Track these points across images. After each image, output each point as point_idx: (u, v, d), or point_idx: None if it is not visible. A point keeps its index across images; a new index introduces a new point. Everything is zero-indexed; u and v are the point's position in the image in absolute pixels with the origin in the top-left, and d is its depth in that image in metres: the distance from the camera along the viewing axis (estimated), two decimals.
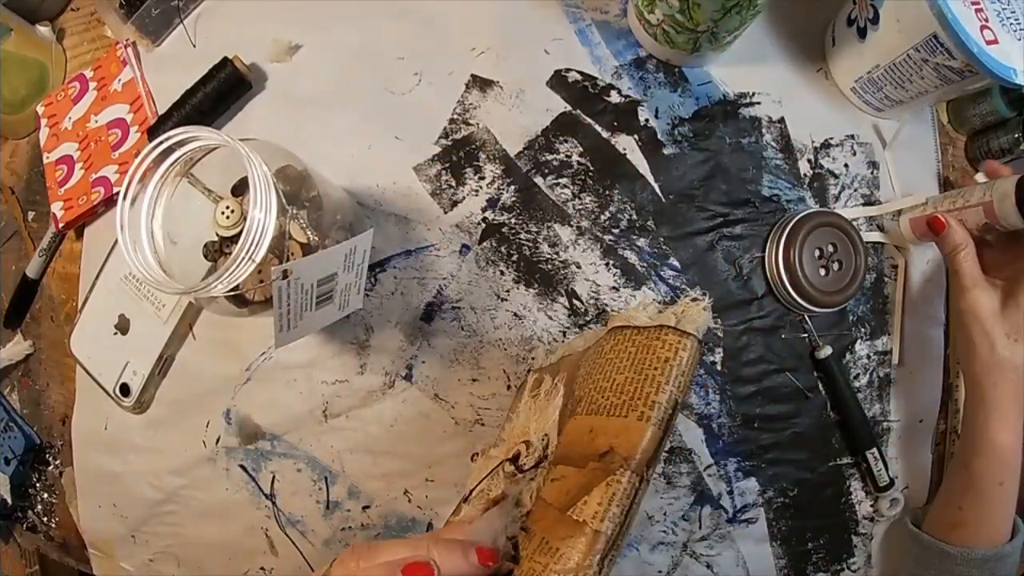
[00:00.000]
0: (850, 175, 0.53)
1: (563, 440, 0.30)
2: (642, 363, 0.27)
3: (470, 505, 0.37)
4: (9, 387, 0.66)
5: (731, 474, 0.51)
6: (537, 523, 0.28)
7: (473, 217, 0.51)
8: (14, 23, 0.60)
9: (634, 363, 0.28)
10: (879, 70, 0.48)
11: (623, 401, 0.27)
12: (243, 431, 0.53)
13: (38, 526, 0.65)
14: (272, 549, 0.55)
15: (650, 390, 0.26)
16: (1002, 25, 0.42)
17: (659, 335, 0.28)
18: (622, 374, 0.28)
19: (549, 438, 0.32)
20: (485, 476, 0.36)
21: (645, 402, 0.26)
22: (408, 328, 0.51)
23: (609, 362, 0.30)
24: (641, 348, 0.28)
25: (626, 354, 0.29)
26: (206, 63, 0.53)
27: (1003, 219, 0.44)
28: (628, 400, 0.27)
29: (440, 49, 0.53)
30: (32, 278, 0.63)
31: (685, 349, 0.27)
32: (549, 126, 0.51)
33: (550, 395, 0.35)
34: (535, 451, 0.32)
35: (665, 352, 0.27)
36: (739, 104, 0.52)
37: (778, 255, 0.50)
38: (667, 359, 0.27)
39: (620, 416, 0.27)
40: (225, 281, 0.34)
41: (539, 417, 0.35)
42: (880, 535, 0.54)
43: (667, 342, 0.27)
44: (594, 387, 0.29)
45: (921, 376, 0.54)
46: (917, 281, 0.54)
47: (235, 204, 0.38)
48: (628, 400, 0.27)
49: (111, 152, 0.57)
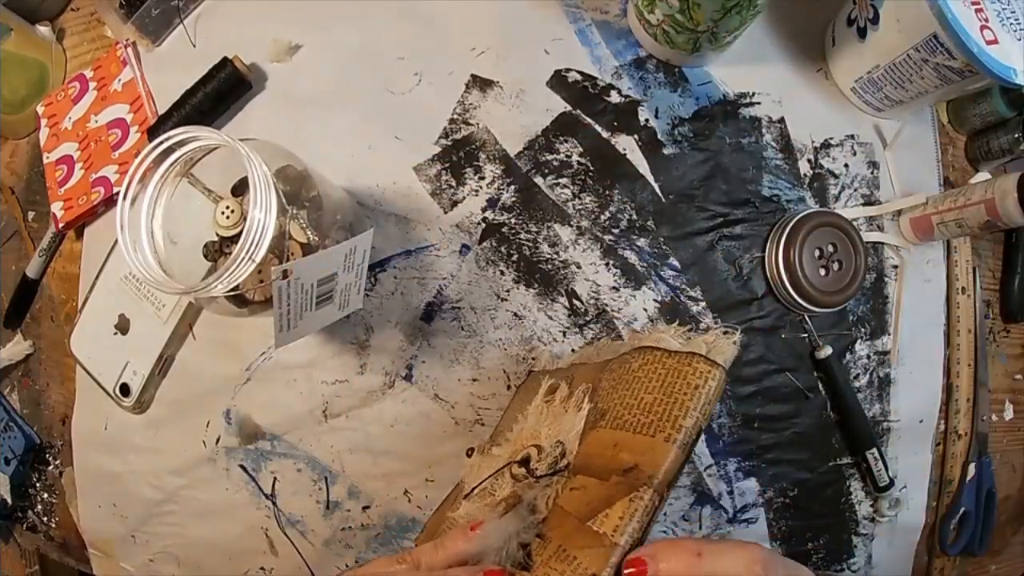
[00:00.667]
0: (850, 175, 0.53)
1: (583, 450, 0.31)
2: (672, 387, 0.28)
3: (471, 502, 0.37)
4: (9, 387, 0.66)
5: (731, 474, 0.51)
6: (554, 530, 0.28)
7: (473, 217, 0.51)
8: (14, 23, 0.60)
9: (664, 385, 0.29)
10: (879, 70, 0.48)
11: (651, 421, 0.28)
12: (243, 431, 0.53)
13: (38, 526, 0.65)
14: (272, 549, 0.55)
15: (678, 414, 0.27)
16: (1002, 25, 0.42)
17: (690, 362, 0.28)
18: (651, 394, 0.29)
19: (564, 446, 0.32)
20: (489, 475, 0.36)
21: (673, 425, 0.27)
22: (408, 328, 0.51)
23: (637, 380, 0.30)
24: (671, 372, 0.29)
25: (656, 375, 0.29)
26: (206, 63, 0.53)
27: (1005, 216, 0.44)
28: (656, 420, 0.27)
29: (440, 49, 0.53)
30: (32, 278, 0.63)
31: (714, 379, 0.27)
32: (549, 126, 0.51)
33: (566, 402, 0.35)
34: (547, 456, 0.32)
35: (695, 379, 0.28)
36: (739, 104, 0.52)
37: (778, 255, 0.50)
38: (697, 386, 0.27)
39: (647, 435, 0.27)
40: (225, 281, 0.34)
41: (553, 423, 0.35)
42: (880, 535, 0.54)
43: (698, 370, 0.28)
44: (620, 402, 0.30)
45: (921, 376, 0.54)
46: (917, 281, 0.54)
47: (235, 204, 0.38)
48: (656, 420, 0.27)
49: (111, 152, 0.57)
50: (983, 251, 0.57)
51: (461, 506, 0.38)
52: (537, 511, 0.30)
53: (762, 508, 0.51)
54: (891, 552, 0.54)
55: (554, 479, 0.31)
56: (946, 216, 0.50)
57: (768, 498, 0.51)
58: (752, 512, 0.51)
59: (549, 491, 0.31)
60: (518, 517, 0.30)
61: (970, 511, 0.55)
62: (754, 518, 0.51)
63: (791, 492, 0.52)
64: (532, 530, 0.29)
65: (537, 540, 0.29)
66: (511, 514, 0.30)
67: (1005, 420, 0.58)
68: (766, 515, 0.51)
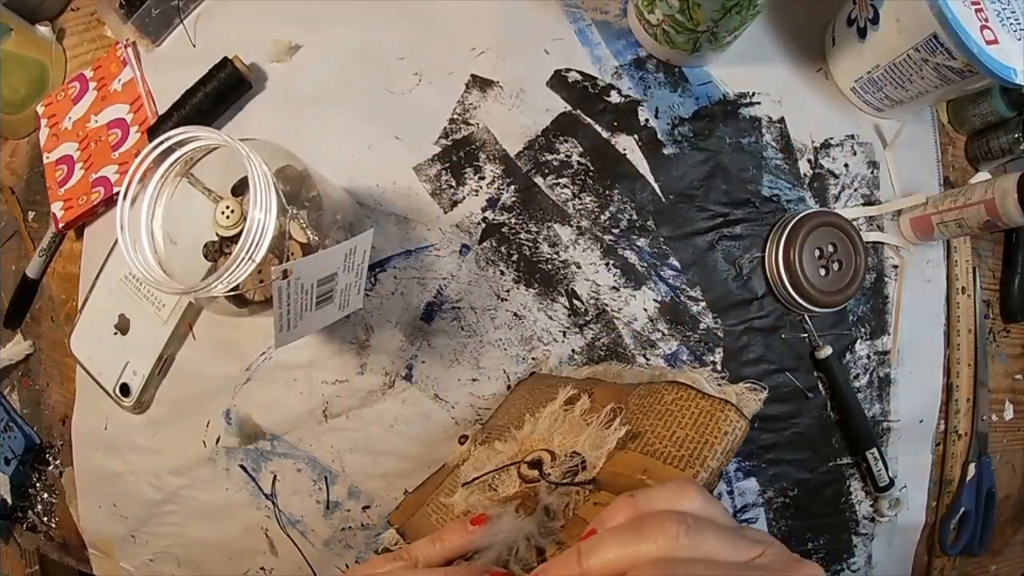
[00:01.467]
0: (850, 175, 0.53)
1: (610, 468, 0.32)
2: (704, 428, 0.30)
3: (469, 492, 0.37)
4: (9, 387, 0.66)
5: (731, 474, 0.51)
6: (574, 540, 0.29)
7: (473, 217, 0.51)
8: (14, 23, 0.60)
9: (696, 424, 0.31)
10: (879, 70, 0.48)
11: (682, 455, 0.30)
12: (243, 431, 0.53)
13: (38, 526, 0.65)
14: (272, 549, 0.55)
15: (707, 455, 0.29)
16: (1002, 25, 0.42)
17: (723, 408, 0.31)
18: (683, 430, 0.31)
19: (582, 457, 0.33)
20: (493, 469, 0.36)
21: (702, 464, 0.29)
22: (408, 328, 0.51)
23: (671, 413, 0.32)
24: (704, 413, 0.31)
25: (689, 413, 0.32)
26: (206, 63, 0.53)
27: (1005, 216, 0.44)
28: (687, 456, 0.30)
29: (440, 49, 0.53)
30: (32, 278, 0.63)
31: (740, 429, 0.30)
32: (549, 126, 0.51)
33: (587, 415, 0.37)
34: (561, 464, 0.33)
35: (726, 426, 0.30)
36: (739, 104, 0.52)
37: (778, 255, 0.50)
38: (727, 432, 0.30)
39: (676, 467, 0.30)
40: (225, 281, 0.34)
41: (568, 432, 0.36)
42: (880, 535, 0.54)
43: (729, 417, 0.30)
44: (652, 431, 0.32)
45: (921, 376, 0.54)
46: (917, 281, 0.54)
47: (235, 204, 0.38)
48: (687, 456, 0.30)
49: (111, 152, 0.57)
50: (983, 251, 0.57)
51: (458, 493, 0.38)
52: (554, 517, 0.31)
53: (762, 508, 0.51)
54: (891, 552, 0.54)
55: (573, 490, 0.32)
56: (946, 216, 0.50)
57: (768, 498, 0.51)
58: (752, 512, 0.51)
59: (567, 500, 0.32)
60: (535, 520, 0.30)
61: (970, 511, 0.55)
62: (754, 518, 0.51)
63: (791, 492, 0.52)
64: (550, 536, 0.30)
65: (555, 547, 0.29)
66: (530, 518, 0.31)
67: (1005, 420, 0.58)
68: (766, 515, 0.51)
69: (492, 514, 0.31)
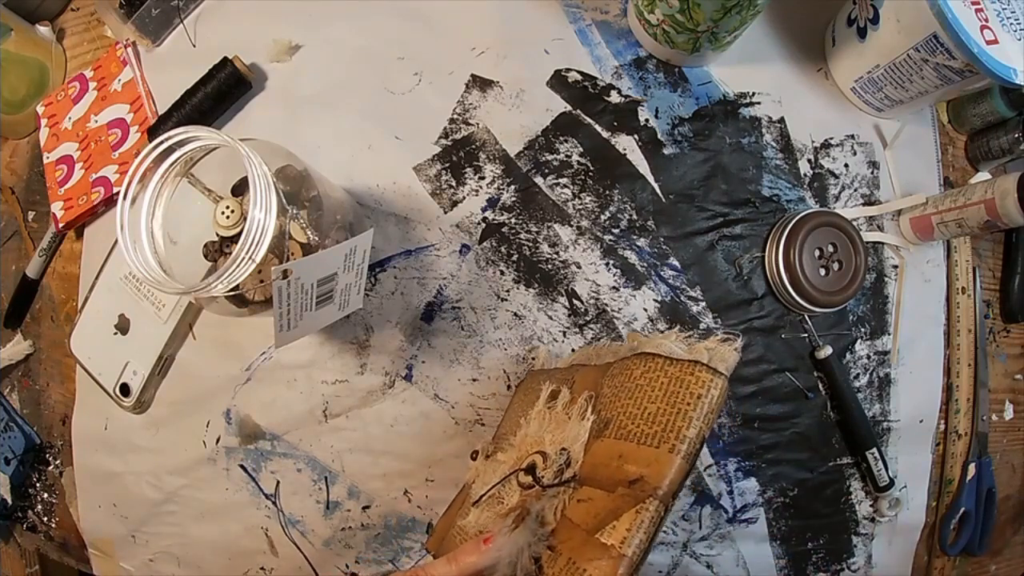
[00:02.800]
0: (850, 175, 0.53)
1: (589, 460, 0.31)
2: (674, 396, 0.28)
3: (480, 510, 0.37)
4: (9, 387, 0.66)
5: (731, 474, 0.51)
6: (564, 543, 0.29)
7: (473, 217, 0.51)
8: (14, 23, 0.60)
9: (666, 394, 0.29)
10: (879, 70, 0.48)
11: (654, 432, 0.28)
12: (243, 431, 0.53)
13: (38, 526, 0.65)
14: (272, 549, 0.55)
15: (681, 424, 0.27)
16: (1002, 25, 0.42)
17: (692, 370, 0.29)
18: (654, 404, 0.29)
19: (569, 453, 0.32)
20: (496, 483, 0.36)
21: (676, 435, 0.27)
22: (408, 328, 0.51)
23: (640, 388, 0.30)
24: (674, 380, 0.29)
25: (658, 384, 0.30)
26: (206, 63, 0.53)
27: (1005, 216, 0.44)
28: (660, 431, 0.28)
29: (440, 49, 0.53)
30: (32, 278, 0.63)
31: (716, 387, 0.28)
32: (549, 126, 0.51)
33: (569, 409, 0.35)
34: (553, 464, 0.33)
35: (698, 388, 0.28)
36: (739, 104, 0.52)
37: (778, 255, 0.50)
38: (699, 395, 0.28)
39: (651, 446, 0.28)
40: (225, 281, 0.34)
41: (556, 429, 0.35)
42: (880, 535, 0.54)
43: (700, 379, 0.28)
44: (623, 412, 0.30)
45: (921, 376, 0.54)
46: (917, 281, 0.54)
47: (235, 204, 0.38)
48: (660, 431, 0.28)
49: (111, 152, 0.57)
50: (983, 251, 0.57)
51: (470, 513, 0.38)
52: (546, 523, 0.30)
53: (762, 508, 0.51)
54: (891, 552, 0.54)
55: (561, 489, 0.31)
56: (946, 216, 0.50)
57: (768, 498, 0.51)
58: (752, 512, 0.51)
59: (556, 501, 0.31)
60: (528, 530, 0.30)
61: (970, 511, 0.55)
62: (754, 518, 0.51)
63: (791, 492, 0.52)
64: (543, 542, 0.30)
65: (547, 552, 0.29)
66: (521, 527, 0.30)
67: (1005, 420, 0.58)
68: (766, 515, 0.51)
69: (495, 530, 0.31)
